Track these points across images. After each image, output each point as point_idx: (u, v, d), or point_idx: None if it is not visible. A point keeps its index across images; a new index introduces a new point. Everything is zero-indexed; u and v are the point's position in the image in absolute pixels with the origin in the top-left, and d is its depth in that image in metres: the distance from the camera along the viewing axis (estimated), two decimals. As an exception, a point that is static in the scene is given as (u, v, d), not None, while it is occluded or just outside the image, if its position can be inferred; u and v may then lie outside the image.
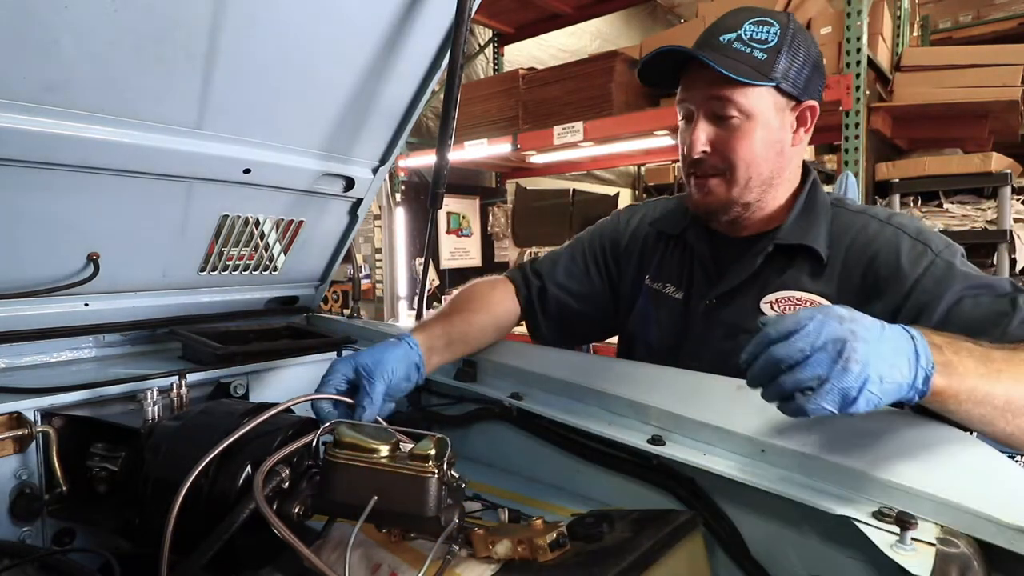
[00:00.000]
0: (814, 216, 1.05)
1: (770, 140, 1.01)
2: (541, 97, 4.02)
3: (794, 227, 1.04)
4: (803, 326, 0.63)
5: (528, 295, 1.25)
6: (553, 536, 0.63)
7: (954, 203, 3.21)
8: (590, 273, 1.26)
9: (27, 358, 1.17)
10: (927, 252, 0.94)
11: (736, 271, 1.07)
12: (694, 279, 1.13)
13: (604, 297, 1.26)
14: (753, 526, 0.77)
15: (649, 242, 1.23)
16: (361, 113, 1.28)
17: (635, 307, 1.22)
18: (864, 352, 0.61)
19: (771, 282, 1.04)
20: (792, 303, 1.01)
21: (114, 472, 0.87)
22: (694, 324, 1.10)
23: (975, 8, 5.33)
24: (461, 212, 5.40)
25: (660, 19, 7.09)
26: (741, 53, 0.97)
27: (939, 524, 0.61)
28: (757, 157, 1.01)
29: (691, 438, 0.82)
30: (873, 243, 0.99)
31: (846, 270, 0.99)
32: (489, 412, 1.10)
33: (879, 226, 1.01)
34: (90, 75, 0.93)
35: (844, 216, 1.05)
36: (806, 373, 0.61)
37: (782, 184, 1.07)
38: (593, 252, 1.27)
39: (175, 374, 1.02)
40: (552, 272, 1.26)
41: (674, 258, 1.18)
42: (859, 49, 2.84)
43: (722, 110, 0.99)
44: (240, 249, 1.40)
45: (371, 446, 0.67)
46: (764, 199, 1.06)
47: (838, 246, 1.01)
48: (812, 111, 1.04)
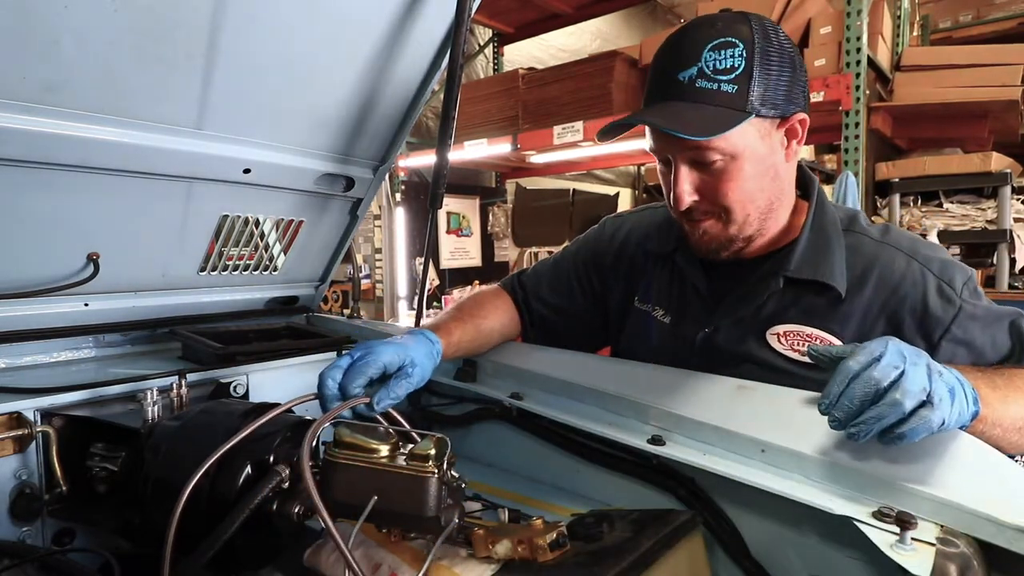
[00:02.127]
0: (826, 243, 0.97)
1: (761, 171, 0.93)
2: (541, 97, 4.03)
3: (806, 257, 0.96)
4: (884, 350, 0.66)
5: (517, 305, 1.25)
6: (553, 536, 0.63)
7: (954, 203, 3.22)
8: (574, 291, 1.22)
9: (27, 358, 1.17)
10: (953, 298, 0.90)
11: (738, 301, 1.00)
12: (687, 304, 1.07)
13: (590, 313, 1.22)
14: (753, 526, 0.77)
15: (637, 261, 1.16)
16: (361, 113, 1.28)
17: (625, 327, 1.17)
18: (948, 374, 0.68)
19: (778, 314, 0.97)
20: (802, 339, 0.94)
21: (114, 472, 0.87)
22: (691, 354, 1.03)
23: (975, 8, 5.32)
24: (461, 212, 5.41)
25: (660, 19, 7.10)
26: (706, 92, 0.86)
27: (939, 524, 0.61)
28: (750, 193, 0.93)
29: (691, 438, 0.82)
30: (902, 284, 0.92)
31: (870, 310, 0.93)
32: (489, 412, 1.10)
33: (905, 263, 0.94)
34: (90, 75, 0.93)
35: (865, 247, 0.97)
36: (914, 384, 0.64)
37: (782, 205, 0.99)
38: (577, 269, 1.22)
39: (175, 374, 1.02)
40: (536, 287, 1.25)
41: (663, 279, 1.12)
42: (859, 49, 2.84)
43: (703, 157, 0.90)
44: (240, 249, 1.40)
45: (371, 446, 0.67)
46: (765, 227, 0.98)
47: (860, 281, 0.94)
48: (802, 123, 0.94)
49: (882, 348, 0.66)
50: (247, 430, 0.74)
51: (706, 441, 0.81)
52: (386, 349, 0.85)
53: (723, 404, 0.84)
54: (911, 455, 0.68)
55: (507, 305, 1.24)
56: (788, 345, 0.95)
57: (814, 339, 0.94)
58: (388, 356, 0.84)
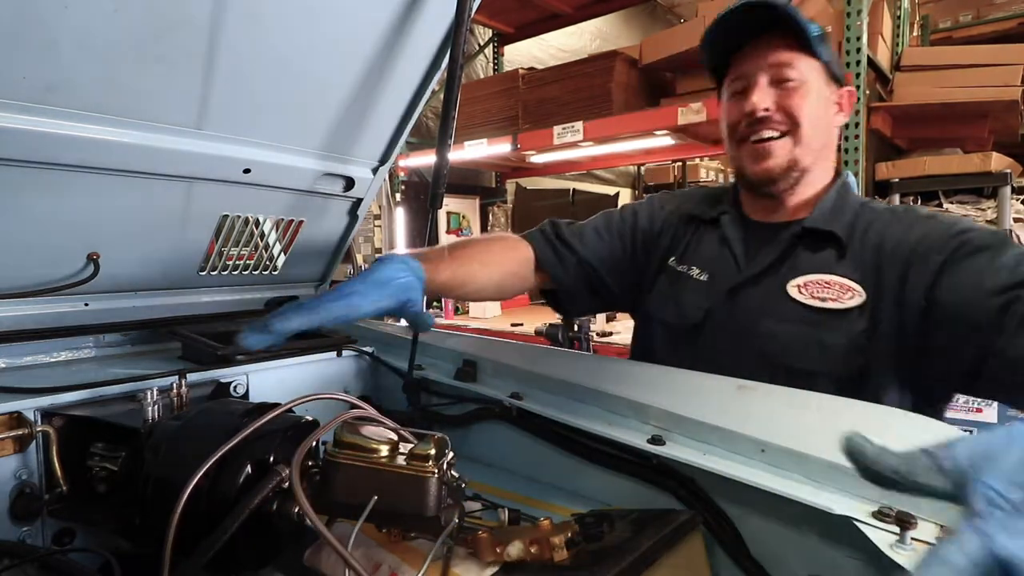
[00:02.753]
0: (842, 209, 1.08)
1: (822, 110, 1.07)
2: (541, 97, 4.03)
3: (823, 215, 1.07)
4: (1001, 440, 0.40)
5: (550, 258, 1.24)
6: (568, 535, 0.63)
7: (954, 203, 3.22)
8: (615, 250, 1.27)
9: (27, 358, 1.17)
10: (934, 221, 0.99)
11: (765, 253, 1.10)
12: (721, 263, 1.15)
13: (627, 271, 1.27)
14: (753, 526, 0.77)
15: (680, 228, 1.25)
16: (361, 113, 1.28)
17: (656, 286, 1.23)
18: None
19: (799, 266, 1.06)
20: (820, 286, 1.02)
21: (114, 472, 0.87)
22: (716, 305, 1.11)
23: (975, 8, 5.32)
24: (461, 212, 5.40)
25: (660, 19, 7.10)
26: (799, 20, 1.02)
27: (939, 524, 0.61)
28: (816, 118, 1.06)
29: (691, 438, 0.82)
30: (889, 227, 1.03)
31: (868, 258, 1.02)
32: (489, 412, 1.10)
33: (892, 214, 1.06)
34: (90, 75, 0.93)
35: (867, 213, 1.08)
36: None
37: (825, 159, 1.12)
38: (621, 228, 1.29)
39: (175, 374, 1.02)
40: (577, 228, 1.28)
41: (703, 243, 1.20)
42: (859, 49, 2.84)
43: (782, 73, 1.04)
44: (240, 249, 1.40)
45: (371, 446, 0.67)
46: (815, 171, 1.09)
47: (861, 238, 1.05)
48: (849, 97, 1.11)
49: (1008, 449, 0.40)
50: (247, 430, 0.74)
51: (706, 441, 0.81)
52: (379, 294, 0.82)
53: (723, 404, 0.84)
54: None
55: (520, 254, 1.22)
56: (808, 294, 1.03)
57: (832, 285, 1.01)
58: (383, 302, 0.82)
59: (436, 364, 1.23)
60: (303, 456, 0.68)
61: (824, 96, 1.08)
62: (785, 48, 1.04)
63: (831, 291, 1.01)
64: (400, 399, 1.23)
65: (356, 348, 1.32)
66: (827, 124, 1.09)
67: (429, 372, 1.21)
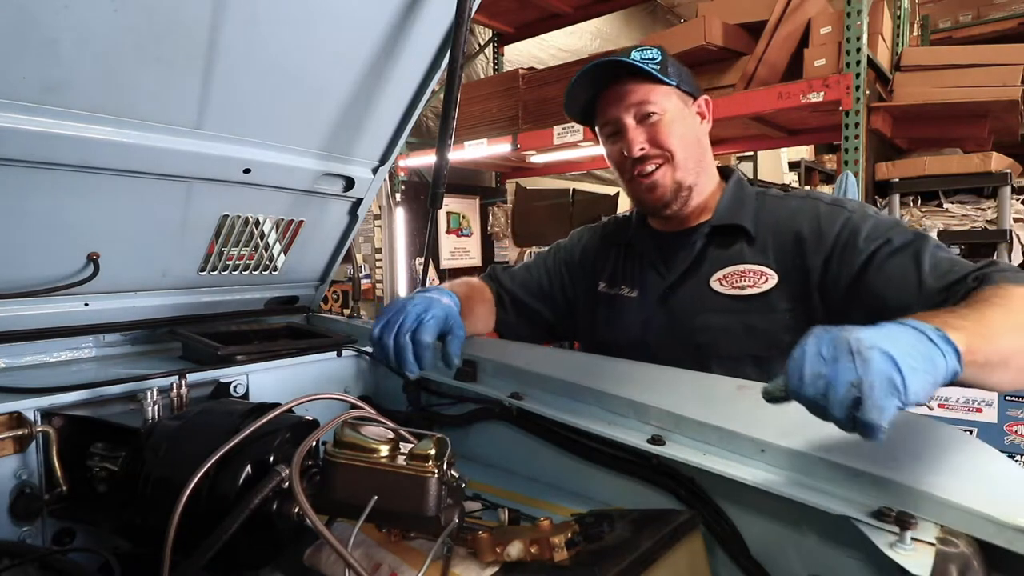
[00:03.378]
0: (741, 202, 1.18)
1: (689, 129, 1.17)
2: (541, 97, 4.03)
3: (725, 211, 1.17)
4: (804, 360, 0.60)
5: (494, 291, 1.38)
6: (568, 535, 0.63)
7: (954, 203, 3.21)
8: (542, 281, 1.39)
9: (27, 358, 1.17)
10: (842, 211, 1.08)
11: (681, 259, 1.20)
12: (646, 277, 1.25)
13: (557, 299, 1.38)
14: (753, 526, 0.77)
15: (600, 254, 1.35)
16: (361, 113, 1.28)
17: (594, 313, 1.31)
18: (871, 340, 0.59)
19: (715, 263, 1.16)
20: (737, 276, 1.12)
21: (114, 472, 0.87)
22: (653, 315, 1.20)
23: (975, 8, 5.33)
24: (461, 212, 5.40)
25: (660, 19, 7.10)
26: (639, 64, 1.12)
27: (939, 524, 0.61)
28: (685, 140, 1.16)
29: (691, 438, 0.82)
30: (796, 215, 1.12)
31: (777, 243, 1.11)
32: (489, 412, 1.10)
33: (799, 201, 1.15)
34: (90, 75, 0.93)
35: (769, 201, 1.18)
36: (840, 389, 0.58)
37: (708, 168, 1.22)
38: (547, 266, 1.40)
39: (175, 374, 1.02)
40: (513, 274, 1.41)
41: (624, 263, 1.30)
42: (859, 49, 2.84)
43: (645, 110, 1.14)
44: (240, 249, 1.40)
45: (371, 446, 0.67)
46: (699, 182, 1.19)
47: (765, 223, 1.14)
48: (707, 103, 1.22)
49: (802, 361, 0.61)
50: (247, 430, 0.74)
51: (706, 441, 0.81)
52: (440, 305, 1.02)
53: (723, 404, 0.84)
54: (911, 455, 0.68)
55: (490, 296, 1.37)
56: (729, 285, 1.13)
57: (747, 273, 1.12)
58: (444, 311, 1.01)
59: (436, 364, 1.22)
60: (303, 456, 0.68)
61: (685, 115, 1.18)
62: (638, 85, 1.14)
63: (747, 279, 1.11)
64: (400, 399, 1.23)
65: (356, 348, 1.32)
66: (696, 139, 1.19)
67: (429, 372, 1.21)
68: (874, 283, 0.98)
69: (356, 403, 0.83)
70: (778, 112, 3.31)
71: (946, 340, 0.62)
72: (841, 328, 0.61)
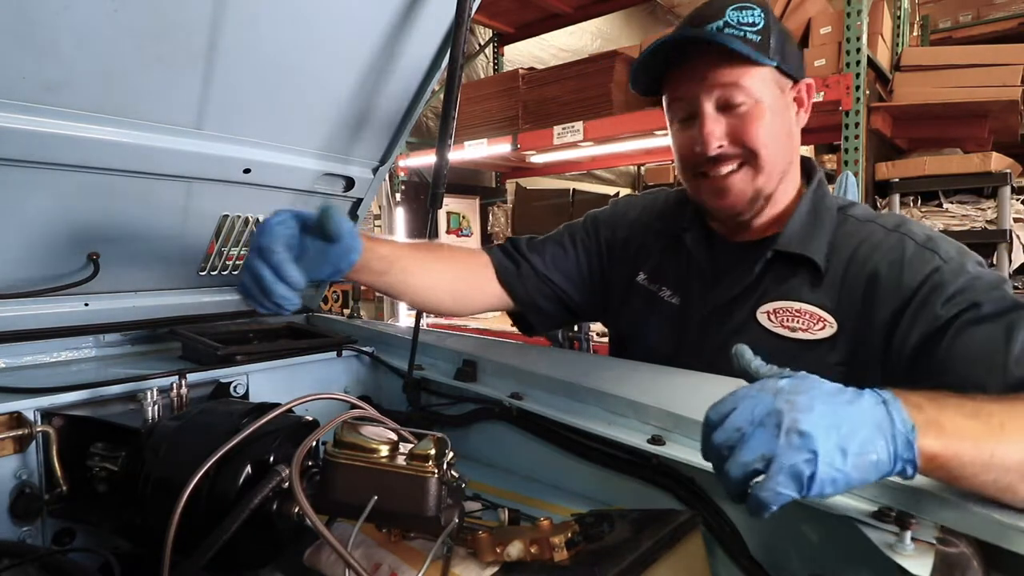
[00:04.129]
0: (818, 223, 0.99)
1: (781, 123, 0.97)
2: (541, 97, 4.03)
3: (796, 233, 0.99)
4: (738, 403, 0.55)
5: (508, 268, 1.17)
6: (568, 535, 0.63)
7: (954, 203, 3.21)
8: (580, 263, 1.20)
9: (27, 358, 1.17)
10: (934, 258, 0.88)
11: (734, 279, 1.03)
12: (691, 285, 1.09)
13: (595, 284, 1.20)
14: (753, 526, 0.77)
15: (648, 238, 1.17)
16: (361, 113, 1.28)
17: (628, 304, 1.17)
18: (809, 423, 0.52)
19: (769, 292, 0.99)
20: (790, 314, 0.96)
21: (114, 472, 0.87)
22: (690, 332, 1.06)
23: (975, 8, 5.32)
24: (461, 212, 5.40)
25: (660, 19, 7.10)
26: (734, 38, 0.91)
27: (939, 524, 0.61)
28: (775, 141, 0.96)
29: (691, 438, 0.82)
30: (877, 251, 0.93)
31: (847, 281, 0.94)
32: (489, 412, 1.10)
33: (884, 234, 0.95)
34: (90, 75, 0.93)
35: (850, 225, 0.99)
36: (747, 455, 0.53)
37: (792, 172, 1.02)
38: (585, 245, 1.21)
39: (175, 374, 1.02)
40: (537, 244, 1.20)
41: (672, 260, 1.13)
42: (859, 49, 2.84)
43: (730, 97, 0.93)
44: (240, 249, 1.40)
45: (371, 446, 0.67)
46: (778, 191, 1.01)
47: (839, 256, 0.96)
48: (808, 89, 1.02)
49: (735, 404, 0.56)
50: (247, 430, 0.74)
51: (706, 441, 0.81)
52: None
53: (723, 404, 0.84)
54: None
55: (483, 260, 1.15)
56: (778, 322, 0.97)
57: (803, 314, 0.95)
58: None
59: (436, 364, 1.23)
60: (303, 456, 0.68)
61: (780, 108, 0.97)
62: (727, 65, 0.92)
63: (801, 320, 0.95)
64: (400, 399, 1.23)
65: (356, 348, 1.32)
66: (788, 138, 1.00)
67: (429, 372, 1.21)
68: (948, 355, 0.80)
69: (356, 403, 0.83)
70: (778, 112, 3.30)
71: (909, 446, 0.54)
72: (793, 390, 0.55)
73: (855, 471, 0.52)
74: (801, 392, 0.55)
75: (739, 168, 0.97)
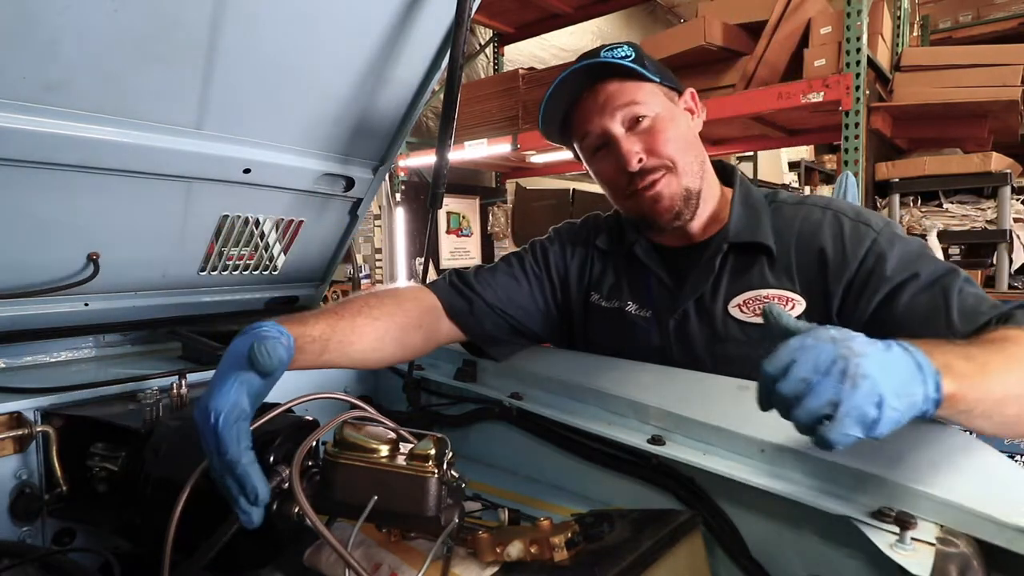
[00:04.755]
0: (754, 211, 1.06)
1: (682, 129, 1.05)
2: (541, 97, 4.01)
3: (740, 224, 1.04)
4: (798, 355, 0.59)
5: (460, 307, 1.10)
6: (568, 535, 0.63)
7: (954, 203, 3.22)
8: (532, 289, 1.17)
9: (27, 358, 1.17)
10: (868, 231, 0.97)
11: (696, 280, 1.05)
12: (656, 295, 1.10)
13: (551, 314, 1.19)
14: (753, 526, 0.77)
15: (594, 259, 1.18)
16: (361, 113, 1.28)
17: (593, 326, 1.17)
18: (869, 367, 0.57)
19: (734, 284, 1.03)
20: (760, 302, 1.00)
21: (114, 472, 0.87)
22: (668, 340, 1.07)
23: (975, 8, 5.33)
24: (461, 212, 5.41)
25: (660, 19, 7.11)
26: (616, 64, 1.02)
27: (939, 524, 0.61)
28: (682, 143, 1.04)
29: (691, 438, 0.82)
30: (819, 229, 1.00)
31: (801, 262, 1.00)
32: (489, 412, 1.10)
33: (819, 212, 1.03)
34: (90, 75, 0.93)
35: (785, 210, 1.06)
36: (816, 402, 0.57)
37: (707, 173, 1.10)
38: (535, 268, 1.19)
39: (175, 374, 1.02)
40: (483, 274, 1.15)
41: (626, 276, 1.15)
42: (859, 49, 2.84)
43: (633, 113, 1.02)
44: (240, 249, 1.40)
45: (371, 446, 0.67)
46: (704, 187, 1.07)
47: (783, 239, 1.02)
48: (693, 97, 1.11)
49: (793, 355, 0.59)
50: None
51: (706, 441, 0.81)
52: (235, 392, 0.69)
53: (723, 404, 0.84)
54: (911, 455, 0.68)
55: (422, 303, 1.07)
56: (751, 312, 1.01)
57: (772, 298, 1.00)
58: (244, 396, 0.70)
59: (436, 364, 1.23)
60: (303, 456, 0.68)
61: (676, 114, 1.06)
62: (621, 85, 1.01)
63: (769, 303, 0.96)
64: (400, 399, 1.23)
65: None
66: (693, 139, 1.08)
67: (429, 372, 1.21)
68: (899, 319, 0.89)
69: (356, 403, 0.83)
70: (778, 112, 3.31)
71: (937, 387, 0.60)
72: (845, 338, 0.59)
73: (906, 410, 0.58)
74: (852, 339, 0.60)
75: (663, 176, 1.03)
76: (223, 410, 0.67)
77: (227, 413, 0.67)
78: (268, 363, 0.70)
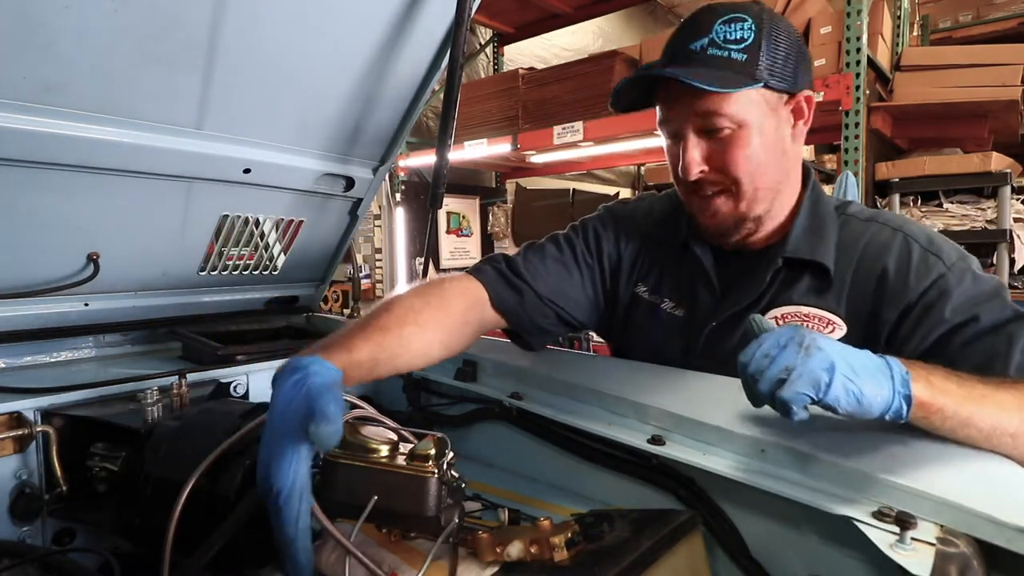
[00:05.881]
0: (821, 225, 0.98)
1: (769, 144, 0.94)
2: (541, 97, 4.03)
3: (802, 239, 0.98)
4: (763, 339, 0.68)
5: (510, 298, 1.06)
6: (568, 535, 0.63)
7: (954, 203, 3.22)
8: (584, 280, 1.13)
9: (27, 358, 1.17)
10: (938, 263, 0.90)
11: (743, 290, 1.00)
12: (697, 296, 1.06)
13: (600, 305, 1.15)
14: (753, 526, 0.77)
15: (649, 248, 1.13)
16: (361, 113, 1.28)
17: (630, 318, 1.14)
18: (824, 343, 0.65)
19: (778, 298, 0.98)
20: (798, 319, 0.95)
21: (114, 472, 0.87)
22: (697, 343, 1.04)
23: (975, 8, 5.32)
24: (461, 212, 5.41)
25: (660, 19, 7.11)
26: (718, 59, 0.89)
27: (939, 524, 0.61)
28: (759, 165, 0.94)
29: (691, 438, 0.82)
30: (885, 251, 0.93)
31: (856, 283, 0.94)
32: (489, 412, 1.10)
33: (889, 234, 0.95)
34: (90, 75, 0.93)
35: (853, 225, 0.99)
36: (774, 369, 0.65)
37: (788, 187, 1.01)
38: (586, 256, 1.14)
39: (175, 374, 1.02)
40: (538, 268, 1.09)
41: (673, 270, 1.10)
42: (859, 49, 2.84)
43: (710, 123, 0.91)
44: (240, 249, 1.40)
45: (371, 446, 0.67)
46: (774, 208, 0.99)
47: (847, 256, 0.96)
48: (808, 101, 0.97)
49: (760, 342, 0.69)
50: (247, 430, 0.74)
51: (706, 441, 0.81)
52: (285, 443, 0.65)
53: (723, 404, 0.84)
54: (911, 455, 0.68)
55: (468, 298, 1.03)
56: None
57: (811, 318, 0.95)
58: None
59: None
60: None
61: (770, 127, 0.93)
62: (707, 92, 0.88)
63: (810, 324, 0.94)
64: (400, 399, 1.23)
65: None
66: (780, 156, 0.96)
67: (429, 372, 1.21)
68: (953, 364, 0.79)
69: (356, 403, 0.83)
70: (778, 112, 3.30)
71: (905, 384, 0.66)
72: (809, 331, 0.68)
73: (866, 388, 0.64)
74: (821, 335, 0.68)
75: (720, 193, 0.96)
76: (284, 488, 0.63)
77: (288, 491, 0.63)
78: (326, 445, 0.64)
